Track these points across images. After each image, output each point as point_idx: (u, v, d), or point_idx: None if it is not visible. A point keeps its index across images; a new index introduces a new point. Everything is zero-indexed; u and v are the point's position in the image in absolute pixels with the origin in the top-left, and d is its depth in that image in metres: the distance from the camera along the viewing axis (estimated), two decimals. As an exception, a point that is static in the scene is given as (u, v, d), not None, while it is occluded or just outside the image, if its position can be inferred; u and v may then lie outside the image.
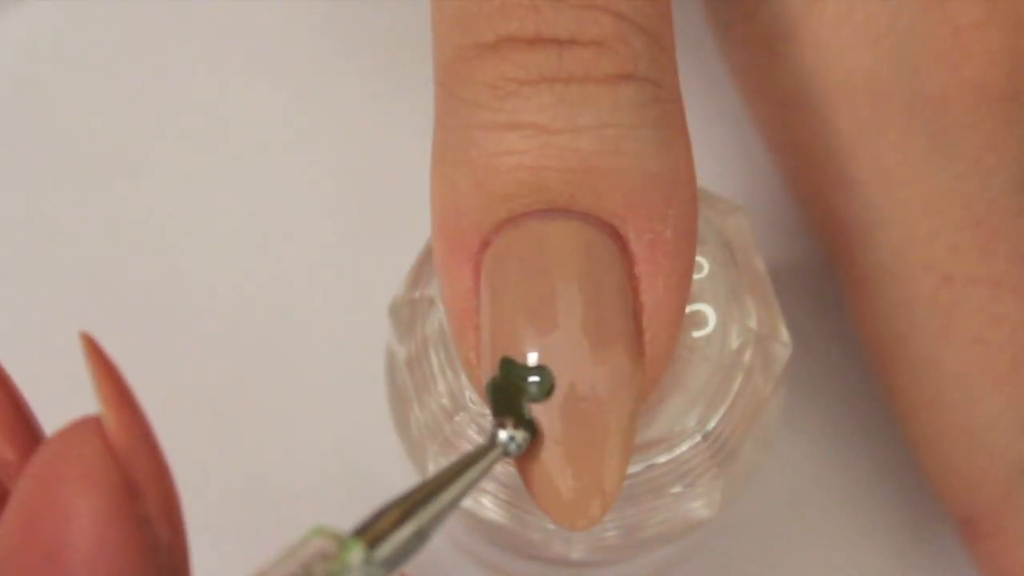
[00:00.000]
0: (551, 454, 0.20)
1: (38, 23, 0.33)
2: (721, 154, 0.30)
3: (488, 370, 0.20)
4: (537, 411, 0.20)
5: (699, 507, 0.23)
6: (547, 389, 0.20)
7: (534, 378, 0.20)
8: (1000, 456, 0.26)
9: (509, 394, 0.20)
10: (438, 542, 0.28)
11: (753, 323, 0.23)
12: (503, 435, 0.20)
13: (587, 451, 0.20)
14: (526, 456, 0.20)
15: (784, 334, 0.23)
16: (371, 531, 0.18)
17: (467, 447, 0.22)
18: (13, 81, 0.33)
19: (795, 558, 0.30)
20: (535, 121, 0.20)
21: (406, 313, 0.23)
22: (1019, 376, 0.26)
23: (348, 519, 0.29)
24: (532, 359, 0.20)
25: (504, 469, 0.22)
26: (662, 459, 0.22)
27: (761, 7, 0.28)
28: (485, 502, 0.23)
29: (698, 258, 0.23)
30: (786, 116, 0.28)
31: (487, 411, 0.20)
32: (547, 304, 0.20)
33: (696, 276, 0.22)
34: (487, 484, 0.23)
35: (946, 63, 0.26)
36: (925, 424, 0.28)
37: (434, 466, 0.23)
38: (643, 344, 0.20)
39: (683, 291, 0.20)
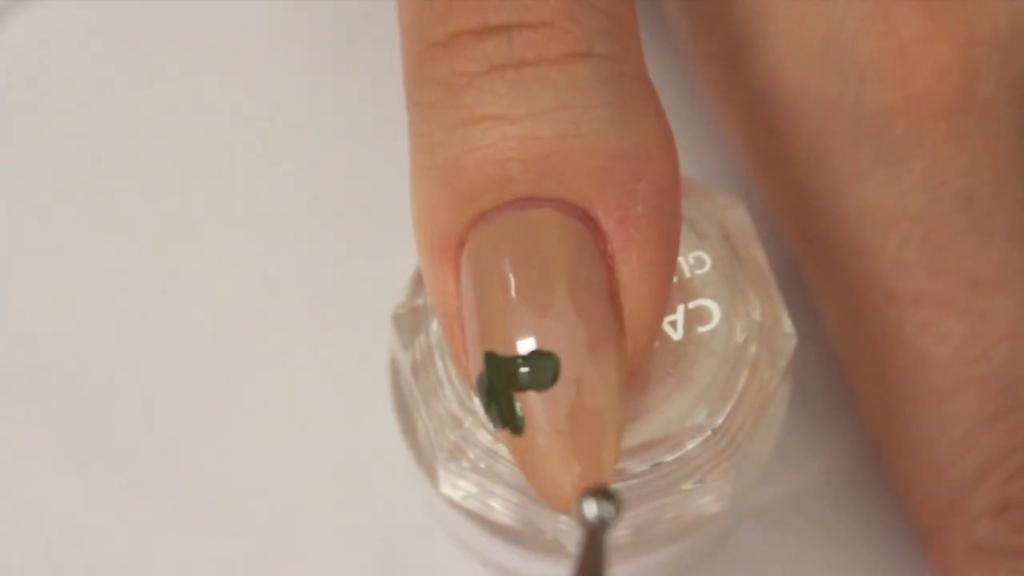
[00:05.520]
0: (543, 443, 0.20)
1: (38, 25, 0.33)
2: (722, 148, 0.30)
3: (474, 367, 0.20)
4: (529, 400, 0.20)
5: (709, 502, 0.23)
6: (538, 379, 0.19)
7: (524, 369, 0.19)
8: (943, 473, 0.26)
9: (496, 389, 0.20)
10: (448, 548, 0.28)
11: (757, 315, 0.23)
12: (588, 511, 0.19)
13: (579, 435, 0.20)
14: (521, 446, 0.20)
15: (788, 325, 0.23)
16: None
17: (477, 452, 0.22)
18: (12, 82, 0.33)
19: (804, 548, 0.30)
20: (493, 113, 0.19)
21: (409, 320, 0.23)
22: (962, 395, 0.26)
23: (354, 532, 0.29)
24: (516, 350, 0.19)
25: (512, 471, 0.22)
26: (670, 457, 0.22)
27: (719, 24, 0.28)
28: (495, 506, 0.23)
29: (700, 253, 0.23)
30: (747, 130, 0.28)
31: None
32: (522, 297, 0.19)
33: (699, 271, 0.22)
34: (496, 488, 0.23)
35: (892, 77, 0.26)
36: (879, 435, 0.28)
37: (444, 472, 0.23)
38: (623, 320, 0.20)
39: (662, 264, 0.20)
